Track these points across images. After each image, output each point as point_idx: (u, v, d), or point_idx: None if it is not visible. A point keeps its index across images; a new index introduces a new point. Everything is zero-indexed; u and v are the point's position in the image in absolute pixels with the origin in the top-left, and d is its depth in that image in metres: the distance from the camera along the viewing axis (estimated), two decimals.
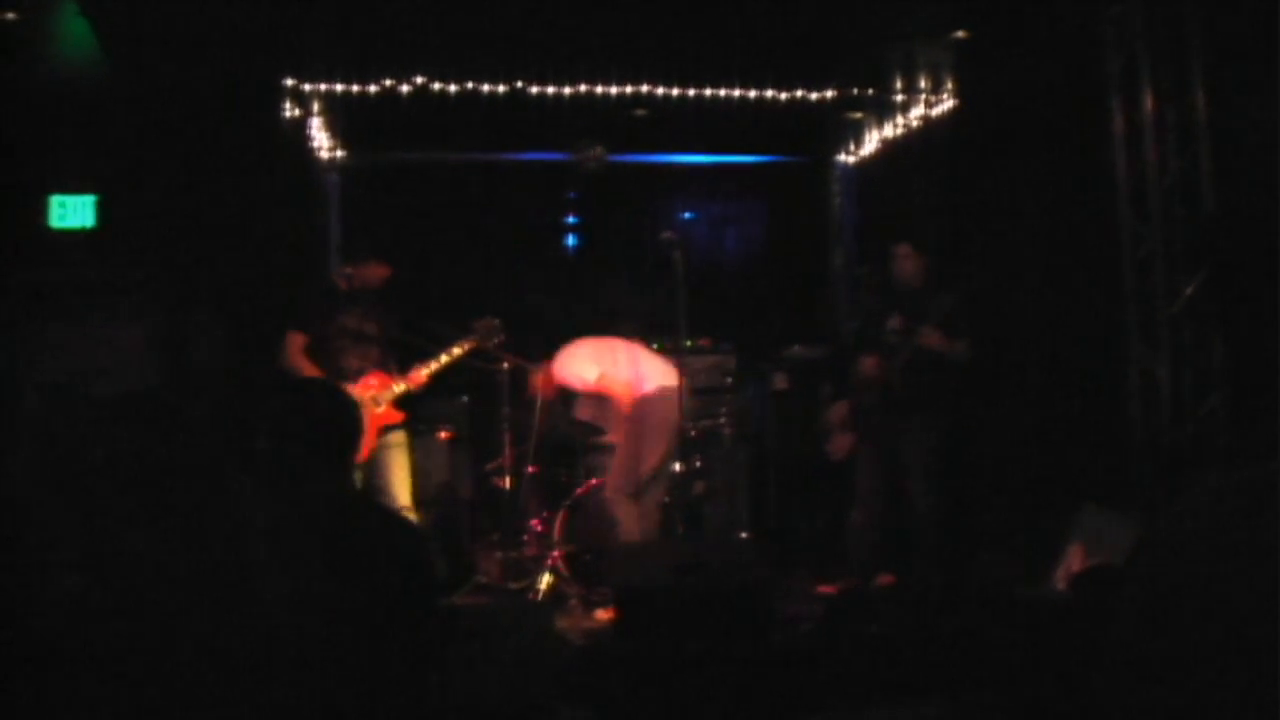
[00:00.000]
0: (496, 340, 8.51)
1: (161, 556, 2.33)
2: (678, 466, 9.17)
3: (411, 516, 7.82)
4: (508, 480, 9.02)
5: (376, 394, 8.10)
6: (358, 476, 7.90)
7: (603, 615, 7.94)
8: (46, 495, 2.27)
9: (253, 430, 3.68)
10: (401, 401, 8.23)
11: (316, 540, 3.47)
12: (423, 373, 8.26)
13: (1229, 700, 1.83)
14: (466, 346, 8.38)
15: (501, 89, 9.91)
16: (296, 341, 8.03)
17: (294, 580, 2.82)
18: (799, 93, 10.47)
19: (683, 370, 8.17)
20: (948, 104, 10.61)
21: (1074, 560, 8.02)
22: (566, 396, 9.26)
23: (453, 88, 9.85)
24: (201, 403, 8.70)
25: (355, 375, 8.10)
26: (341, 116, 10.63)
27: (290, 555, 2.99)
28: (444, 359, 8.33)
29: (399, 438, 8.26)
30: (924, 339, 8.19)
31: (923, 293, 8.44)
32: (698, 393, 10.24)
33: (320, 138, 10.84)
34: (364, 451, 7.89)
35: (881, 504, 8.54)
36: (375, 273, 8.29)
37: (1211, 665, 1.86)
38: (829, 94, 10.62)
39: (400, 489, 8.08)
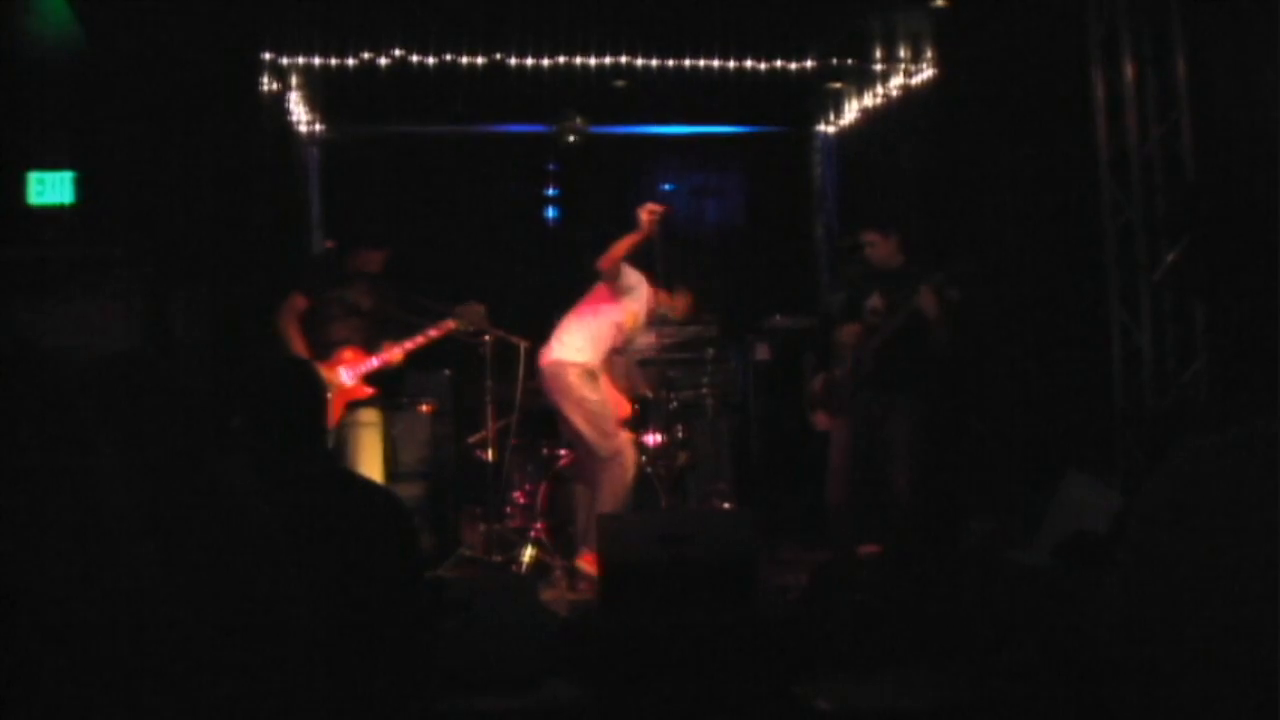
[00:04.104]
0: (479, 325, 8.52)
1: (145, 533, 2.31)
2: (658, 438, 9.20)
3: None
4: (491, 453, 9.01)
5: (347, 368, 8.12)
6: None
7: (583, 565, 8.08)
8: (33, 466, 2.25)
9: (228, 409, 3.68)
10: (378, 377, 8.25)
11: (298, 514, 3.47)
12: (397, 350, 8.28)
13: (1226, 661, 1.84)
14: (446, 329, 8.42)
15: (481, 61, 9.89)
16: (296, 303, 8.15)
17: (277, 555, 2.81)
18: (779, 63, 10.46)
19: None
20: (928, 73, 10.61)
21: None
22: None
23: (431, 60, 9.83)
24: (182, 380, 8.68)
25: (334, 346, 8.17)
26: (320, 90, 10.61)
27: (273, 530, 2.97)
28: (420, 339, 8.36)
29: (370, 416, 8.29)
30: (921, 301, 8.14)
31: (902, 272, 8.43)
32: (680, 363, 10.26)
33: (299, 111, 10.82)
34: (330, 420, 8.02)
35: (858, 478, 8.55)
36: (370, 258, 8.37)
37: (1207, 626, 1.87)
38: (809, 64, 10.62)
39: (369, 468, 8.08)
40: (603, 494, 8.35)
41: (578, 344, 8.51)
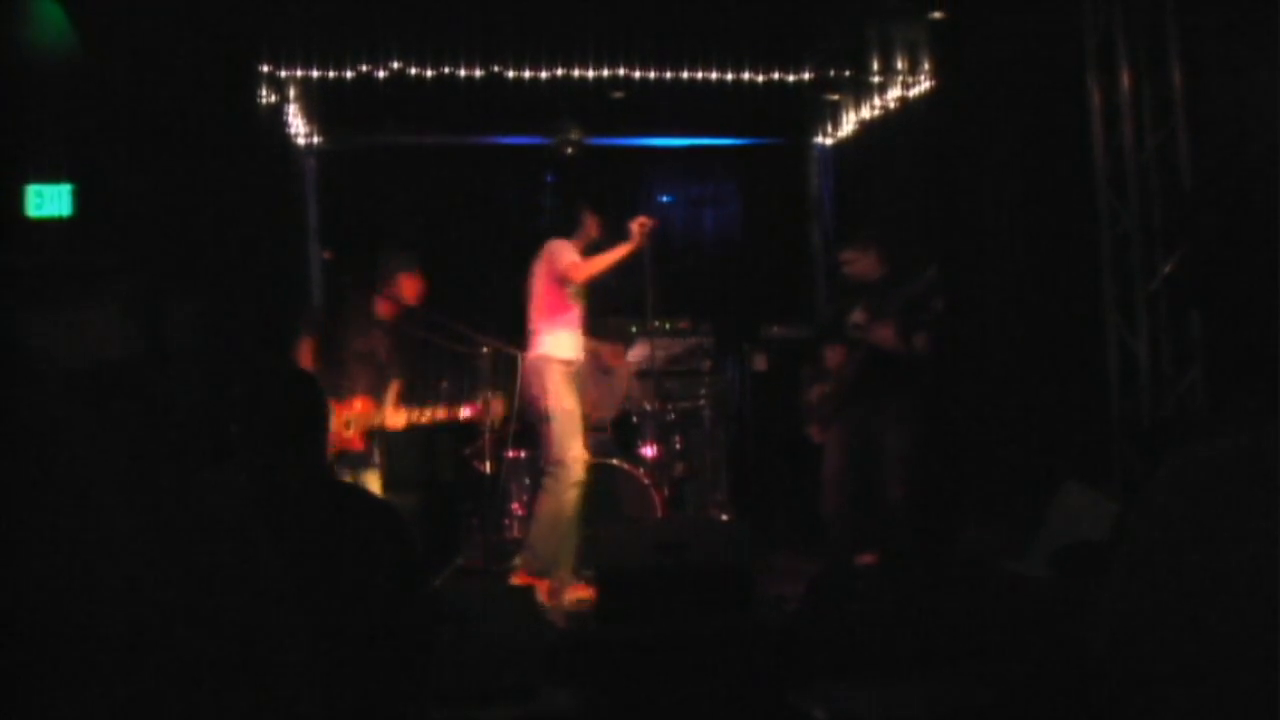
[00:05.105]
0: (498, 417, 8.53)
1: (140, 541, 2.31)
2: (656, 449, 9.20)
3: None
4: (488, 464, 9.01)
5: (351, 418, 8.11)
6: None
7: (576, 595, 8.00)
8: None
9: (225, 418, 3.68)
10: (374, 435, 8.24)
11: (296, 525, 3.47)
12: (402, 418, 8.27)
13: (1222, 670, 1.84)
14: (461, 415, 8.43)
15: (478, 73, 9.90)
16: (306, 346, 8.15)
17: (273, 565, 2.81)
18: (776, 74, 10.48)
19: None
20: (925, 84, 10.62)
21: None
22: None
23: (429, 72, 9.84)
24: (179, 389, 8.69)
25: (347, 392, 8.14)
26: (318, 101, 10.61)
27: (268, 540, 2.97)
28: (430, 415, 8.35)
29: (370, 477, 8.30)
30: (874, 336, 8.25)
31: (885, 284, 8.46)
32: (677, 374, 10.27)
33: (297, 123, 10.83)
34: None
35: (851, 489, 8.56)
36: (407, 286, 8.34)
37: (1203, 634, 1.87)
38: (806, 75, 10.63)
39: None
40: (539, 509, 8.29)
41: (560, 341, 8.38)
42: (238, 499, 2.72)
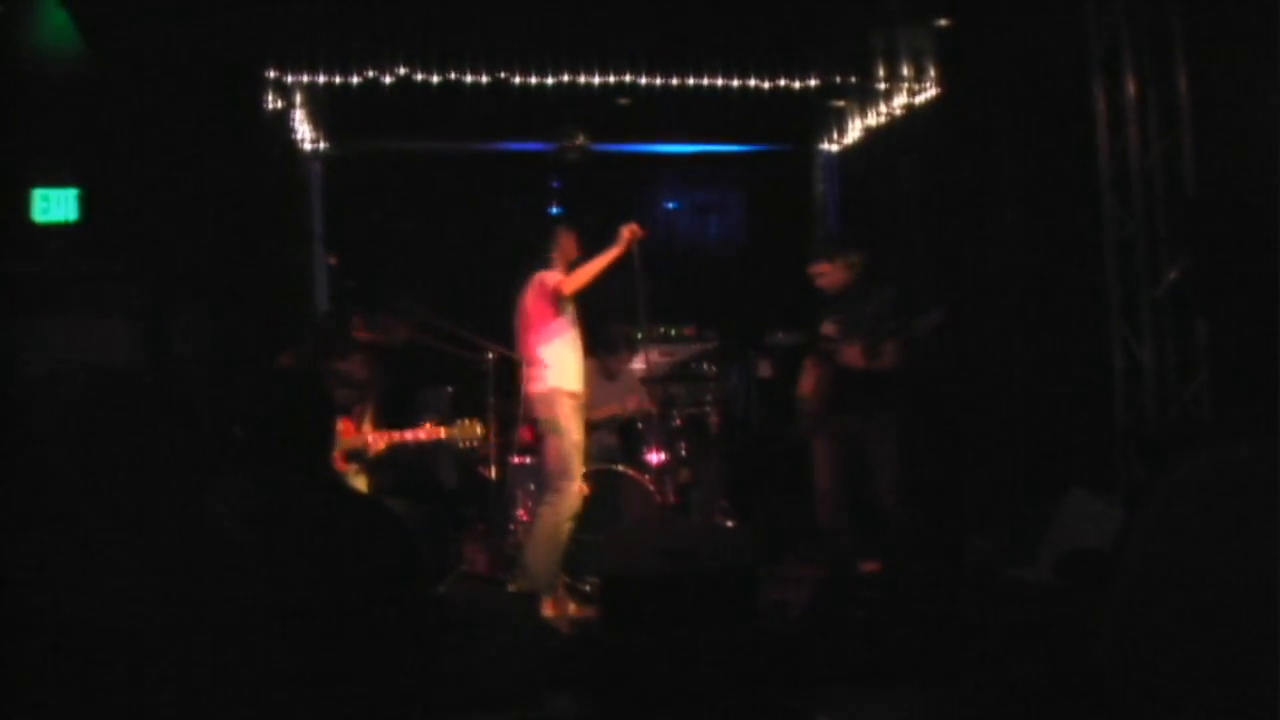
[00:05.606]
0: (472, 442, 8.52)
1: (143, 545, 2.32)
2: (661, 456, 9.20)
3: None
4: (493, 470, 9.00)
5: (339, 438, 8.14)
6: None
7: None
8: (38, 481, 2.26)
9: (229, 419, 3.68)
10: (354, 456, 8.25)
11: (297, 528, 3.47)
12: (382, 441, 8.27)
13: (1226, 675, 1.84)
14: (436, 435, 8.42)
15: (484, 79, 9.90)
16: (284, 362, 8.11)
17: (276, 569, 2.82)
18: (782, 81, 10.46)
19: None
20: (930, 91, 10.61)
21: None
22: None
23: (435, 78, 9.84)
24: (184, 393, 8.69)
25: None
26: (324, 107, 10.62)
27: (271, 543, 2.98)
28: (408, 436, 8.35)
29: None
30: (842, 358, 8.29)
31: (856, 295, 8.49)
32: (682, 380, 10.27)
33: (303, 129, 10.84)
34: None
35: (844, 498, 8.57)
36: (399, 332, 8.35)
37: (1207, 639, 1.87)
38: (812, 82, 10.61)
39: None
40: (535, 532, 8.25)
41: (567, 371, 8.32)
42: (235, 507, 2.72)
